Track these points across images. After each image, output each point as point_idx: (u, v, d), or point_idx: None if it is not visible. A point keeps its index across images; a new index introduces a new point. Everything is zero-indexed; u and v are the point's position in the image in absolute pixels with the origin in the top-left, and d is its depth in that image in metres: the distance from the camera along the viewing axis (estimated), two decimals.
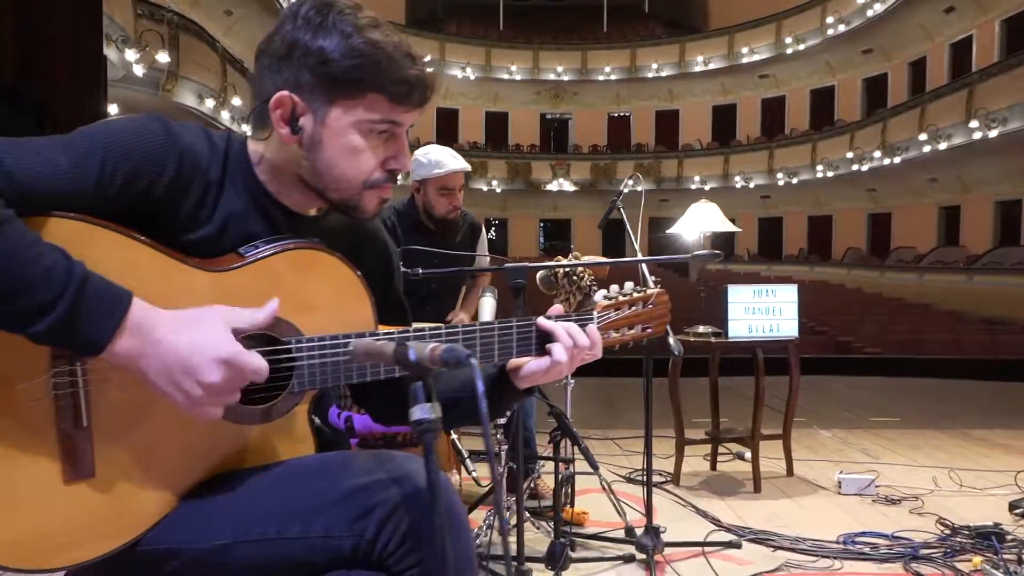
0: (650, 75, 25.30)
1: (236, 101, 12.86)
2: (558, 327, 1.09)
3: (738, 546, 2.53)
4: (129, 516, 0.88)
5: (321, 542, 0.85)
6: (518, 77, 25.28)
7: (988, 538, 2.49)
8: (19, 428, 0.81)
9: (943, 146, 14.93)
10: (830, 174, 20.14)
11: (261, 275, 0.94)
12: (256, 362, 0.83)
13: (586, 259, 2.76)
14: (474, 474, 2.53)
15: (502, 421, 2.54)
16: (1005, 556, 2.34)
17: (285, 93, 0.95)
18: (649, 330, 1.29)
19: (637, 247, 2.57)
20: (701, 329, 3.31)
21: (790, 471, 3.42)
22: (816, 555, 2.46)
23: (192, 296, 0.88)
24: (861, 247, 21.06)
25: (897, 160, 16.78)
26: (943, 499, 3.05)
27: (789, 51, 22.03)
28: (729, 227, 3.50)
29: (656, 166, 24.57)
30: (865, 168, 18.33)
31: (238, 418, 0.91)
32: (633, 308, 1.25)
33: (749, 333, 3.27)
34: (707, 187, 23.26)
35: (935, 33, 18.06)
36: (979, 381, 8.05)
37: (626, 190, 2.80)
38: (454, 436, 2.42)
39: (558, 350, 1.06)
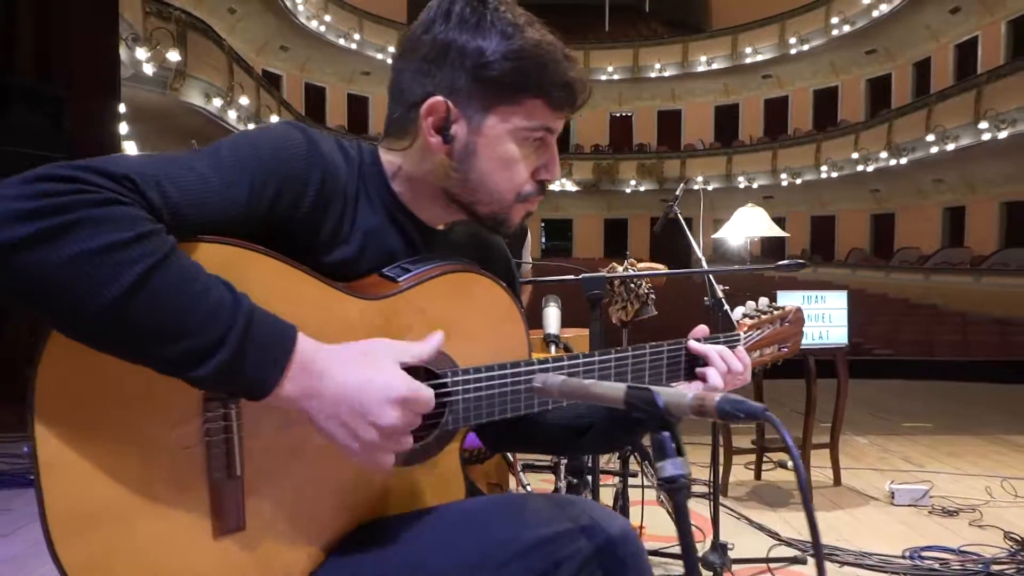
0: (652, 75, 25.24)
1: (243, 100, 12.74)
2: (711, 351, 1.01)
3: (803, 562, 2.46)
4: (279, 572, 0.79)
5: None
6: None
7: None
8: (169, 478, 0.73)
9: (951, 147, 14.90)
10: (834, 175, 20.11)
11: (418, 302, 0.86)
12: (427, 396, 0.75)
13: (642, 265, 2.69)
14: (529, 487, 2.45)
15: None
16: None
17: (440, 98, 0.86)
18: (785, 349, 1.23)
19: (700, 254, 2.50)
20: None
21: (837, 481, 3.35)
22: (885, 571, 2.39)
23: (351, 328, 0.80)
24: (864, 248, 21.03)
25: (904, 161, 16.75)
26: (1002, 510, 2.98)
27: (793, 51, 21.98)
28: (777, 231, 3.43)
29: (659, 166, 24.52)
30: (870, 169, 18.29)
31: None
32: (772, 327, 1.18)
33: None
34: (710, 187, 23.19)
35: (940, 34, 18.03)
36: (992, 383, 8.02)
37: (680, 193, 2.73)
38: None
39: (713, 375, 0.99)
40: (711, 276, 2.25)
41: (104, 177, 0.66)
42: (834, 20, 20.39)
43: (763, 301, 1.20)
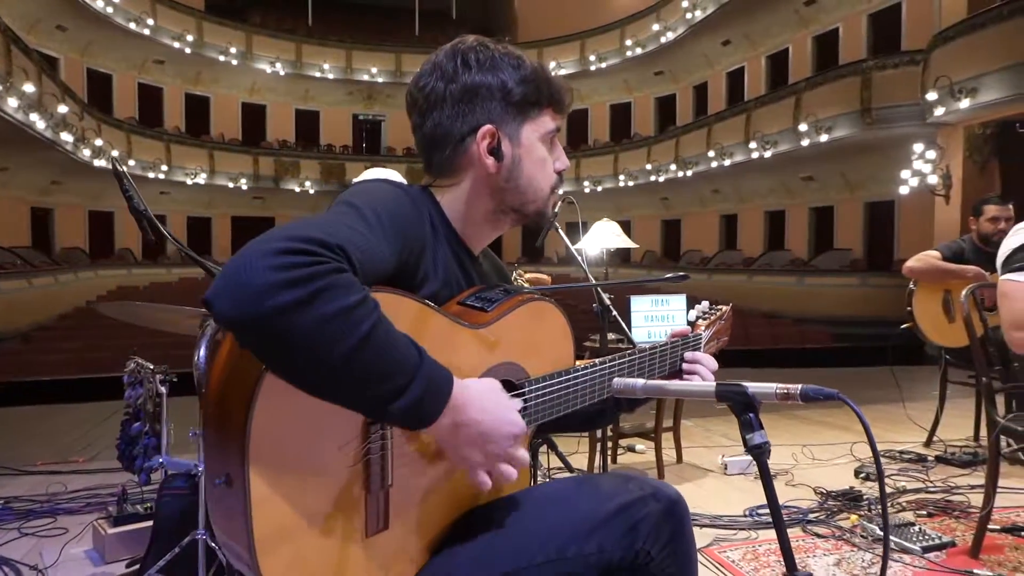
0: None
1: (28, 87, 11.25)
2: (701, 357, 1.30)
3: None
4: (409, 563, 0.95)
5: (596, 558, 0.98)
6: (330, 76, 24.61)
7: (854, 499, 3.09)
8: (339, 491, 0.87)
9: (727, 162, 17.00)
10: (630, 183, 21.98)
11: (509, 327, 1.06)
12: (528, 432, 0.96)
13: (529, 276, 2.98)
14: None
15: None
16: (872, 512, 2.91)
17: (489, 126, 1.07)
18: (724, 340, 1.54)
19: (586, 267, 2.82)
20: (612, 336, 3.65)
21: (680, 458, 3.88)
22: (734, 528, 2.88)
23: (471, 354, 0.98)
24: (656, 250, 23.23)
25: (689, 173, 18.78)
26: (806, 471, 3.66)
27: (592, 68, 23.67)
28: (628, 243, 3.88)
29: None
30: (661, 179, 20.27)
31: None
32: (718, 324, 1.49)
33: (648, 339, 3.67)
34: None
35: (715, 62, 20.44)
36: (763, 368, 9.40)
37: (557, 211, 3.04)
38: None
39: (706, 373, 1.27)
40: (599, 287, 2.58)
41: (327, 248, 0.79)
42: (628, 42, 22.29)
43: (705, 304, 1.51)
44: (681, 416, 3.89)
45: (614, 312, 2.57)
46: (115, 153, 16.73)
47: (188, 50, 20.92)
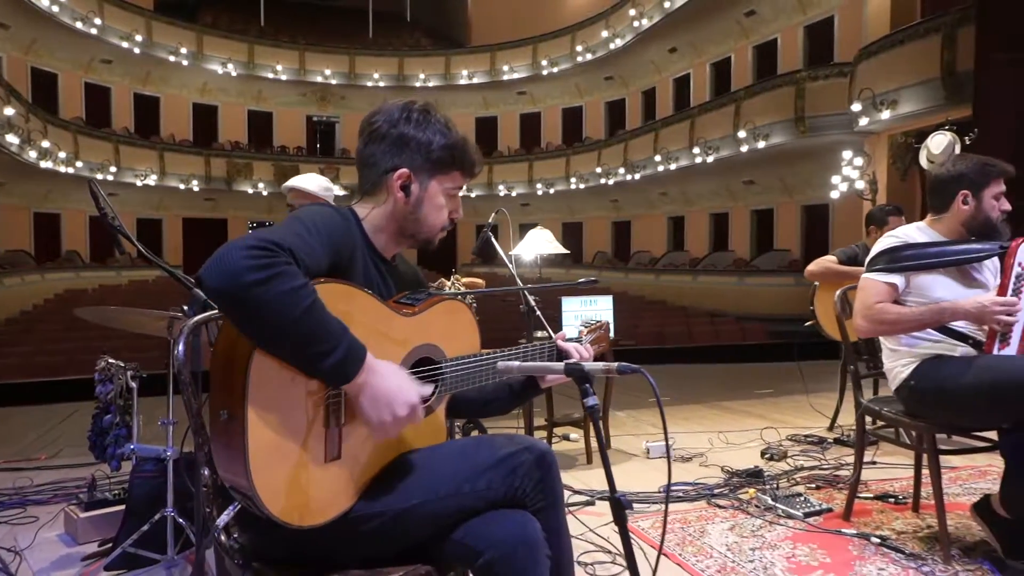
0: (417, 84, 26.05)
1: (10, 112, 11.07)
2: (571, 346, 1.66)
3: (593, 503, 3.26)
4: (352, 488, 1.29)
5: (485, 493, 1.33)
6: (283, 77, 24.54)
7: (755, 475, 3.50)
8: (308, 425, 1.22)
9: (673, 166, 17.61)
10: (582, 186, 22.49)
11: (431, 319, 1.42)
12: (421, 407, 1.29)
13: (466, 281, 3.32)
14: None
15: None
16: (768, 486, 3.34)
17: (405, 170, 1.43)
18: (602, 347, 1.91)
19: (515, 271, 3.17)
20: (539, 334, 4.00)
21: (608, 444, 4.26)
22: (648, 502, 3.26)
23: (403, 334, 1.33)
24: (607, 251, 23.80)
25: (637, 176, 19.36)
26: (719, 453, 4.08)
27: (544, 72, 24.13)
28: (560, 249, 4.25)
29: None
30: (611, 182, 20.81)
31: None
32: (597, 332, 1.86)
33: (578, 336, 4.04)
34: (473, 194, 24.62)
35: (662, 68, 21.09)
36: (708, 364, 9.92)
37: (493, 221, 3.39)
38: None
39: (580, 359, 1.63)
40: (525, 291, 2.93)
41: (282, 248, 1.15)
42: (578, 48, 22.81)
43: (591, 317, 1.87)
44: (611, 407, 4.26)
45: (537, 312, 2.92)
46: (63, 155, 16.50)
47: (137, 50, 20.68)
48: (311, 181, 3.07)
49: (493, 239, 3.34)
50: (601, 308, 4.12)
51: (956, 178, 2.53)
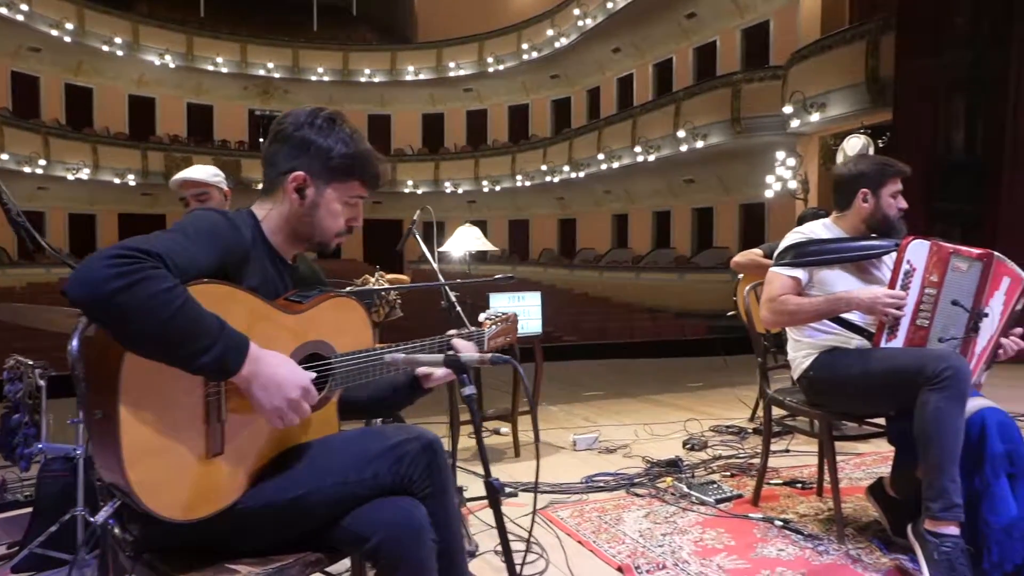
0: (363, 79, 25.82)
1: None
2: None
3: (516, 495, 3.33)
4: (238, 482, 1.32)
5: (371, 481, 1.38)
6: (224, 70, 24.00)
7: (673, 465, 3.63)
8: (187, 422, 1.24)
9: (616, 165, 17.89)
10: (527, 183, 22.64)
11: (320, 316, 1.45)
12: (315, 391, 1.33)
13: (390, 277, 3.35)
14: None
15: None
16: (684, 474, 3.46)
17: (302, 173, 1.46)
18: (509, 339, 1.97)
19: (436, 267, 3.22)
20: (467, 330, 4.06)
21: (537, 438, 4.34)
22: (570, 493, 3.35)
23: (282, 331, 1.35)
24: (553, 248, 24.01)
25: (582, 174, 19.59)
26: (643, 444, 4.20)
27: (491, 70, 24.18)
28: (488, 246, 4.31)
29: (385, 170, 25.00)
30: (556, 180, 21.01)
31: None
32: (503, 324, 1.92)
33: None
34: (420, 191, 24.54)
35: (606, 68, 21.38)
36: (648, 359, 10.14)
37: (417, 219, 3.43)
38: None
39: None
40: (447, 287, 2.98)
41: (147, 255, 1.16)
42: (524, 46, 22.93)
43: (498, 309, 1.93)
44: (544, 402, 4.35)
45: (458, 308, 2.97)
46: None
47: (68, 39, 19.95)
48: (200, 170, 3.05)
49: (417, 236, 3.39)
50: (529, 304, 4.19)
51: (856, 177, 2.67)
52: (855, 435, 3.40)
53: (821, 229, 2.77)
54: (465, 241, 4.16)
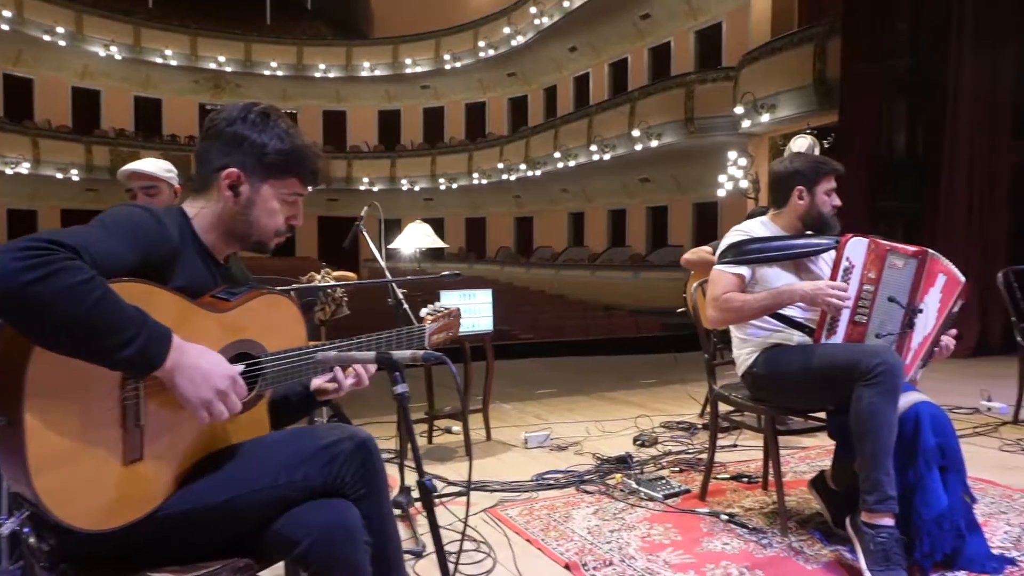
0: (317, 75, 25.43)
1: None
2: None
3: (466, 494, 3.30)
4: (160, 487, 1.26)
5: (302, 484, 1.33)
6: (173, 63, 23.38)
7: (623, 461, 3.65)
8: (101, 428, 1.17)
9: (572, 164, 17.98)
10: (484, 181, 22.60)
11: (248, 314, 1.39)
12: (243, 382, 1.29)
13: (337, 274, 3.29)
14: None
15: None
16: (634, 471, 3.48)
17: (235, 170, 1.41)
18: (451, 334, 1.94)
19: (384, 265, 3.17)
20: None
21: (489, 437, 4.33)
22: (520, 491, 3.34)
23: (208, 330, 1.30)
24: (510, 246, 24.03)
25: (538, 173, 19.64)
26: (594, 442, 4.21)
27: (447, 67, 24.06)
28: (438, 243, 4.27)
29: (325, 166, 24.80)
30: (513, 178, 21.02)
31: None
32: (444, 320, 1.89)
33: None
34: (376, 188, 24.29)
35: (563, 67, 21.47)
36: (603, 356, 10.20)
37: (365, 215, 3.38)
38: None
39: (341, 379, 1.57)
40: (394, 284, 2.94)
41: (61, 246, 1.09)
42: (481, 43, 22.88)
43: (438, 303, 1.90)
44: (496, 400, 4.32)
45: (405, 306, 2.93)
46: None
47: (6, 27, 19.18)
48: (151, 163, 2.95)
49: (364, 232, 3.33)
50: (480, 302, 4.17)
51: (792, 175, 2.71)
52: (799, 430, 3.46)
53: (759, 227, 2.81)
54: (415, 238, 4.12)
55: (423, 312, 1.83)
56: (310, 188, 1.54)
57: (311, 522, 1.30)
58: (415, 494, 3.16)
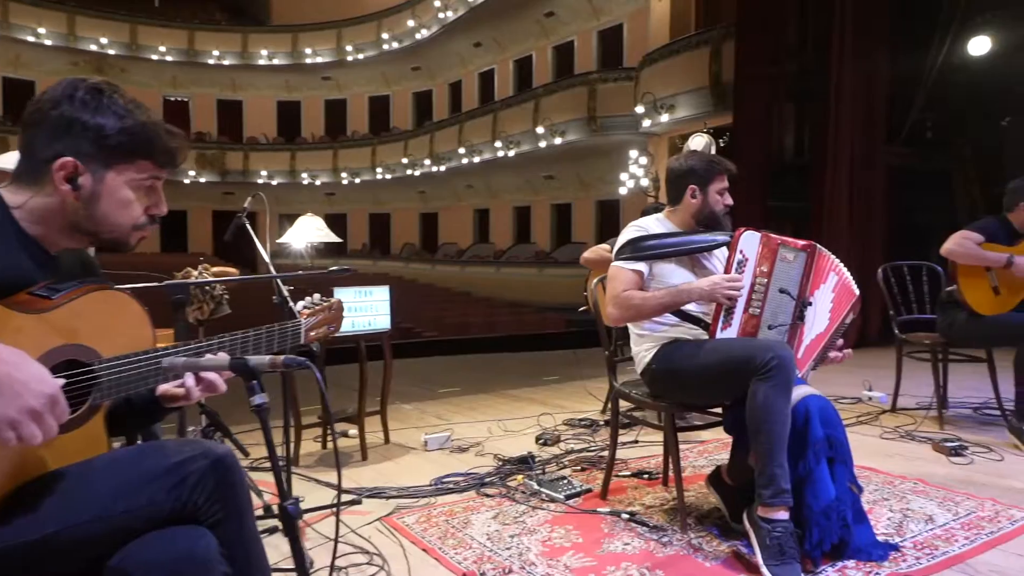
0: (211, 61, 24.21)
1: None
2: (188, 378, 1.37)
3: (359, 502, 3.12)
4: None
5: (146, 511, 1.14)
6: (48, 42, 21.63)
7: (524, 462, 3.57)
8: None
9: (477, 159, 17.88)
10: (388, 176, 22.17)
11: (77, 314, 1.18)
12: (65, 402, 1.06)
13: (216, 270, 3.03)
14: None
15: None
16: (535, 471, 3.41)
17: (69, 159, 1.20)
18: (333, 328, 1.77)
19: (269, 261, 2.94)
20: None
21: (387, 439, 4.15)
22: (417, 496, 3.19)
23: (24, 333, 1.09)
24: (415, 243, 23.70)
25: (443, 168, 19.44)
26: (496, 442, 4.12)
27: (350, 58, 23.44)
28: (332, 237, 4.05)
29: (220, 157, 23.71)
30: (418, 173, 20.72)
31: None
32: (324, 314, 1.72)
33: (353, 328, 3.87)
34: (275, 182, 23.37)
35: (468, 62, 21.34)
36: (510, 353, 10.17)
37: (248, 206, 3.14)
38: None
39: (191, 385, 1.37)
40: (279, 280, 2.72)
41: None
42: (384, 36, 22.42)
43: (317, 296, 1.74)
44: (396, 400, 4.15)
45: (291, 304, 2.72)
46: None
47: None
48: (11, 159, 2.62)
49: (248, 225, 3.09)
50: (378, 299, 3.98)
51: (686, 173, 2.71)
52: (698, 425, 3.48)
53: (655, 224, 2.80)
54: (307, 232, 3.88)
55: (299, 306, 1.66)
56: (166, 170, 1.33)
57: (155, 556, 1.12)
58: (303, 504, 2.96)
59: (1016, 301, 3.91)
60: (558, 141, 14.91)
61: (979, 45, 8.12)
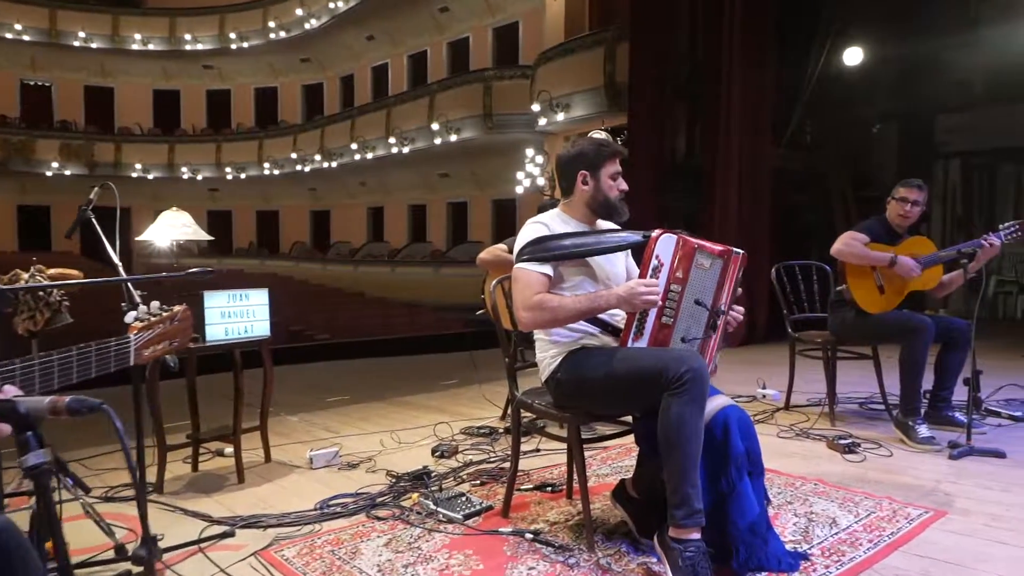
0: (76, 43, 22.27)
1: None
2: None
3: (232, 535, 2.76)
4: None
5: None
6: None
7: (419, 479, 3.31)
8: None
9: (370, 156, 17.33)
10: (276, 172, 21.17)
11: None
12: None
13: (53, 272, 2.60)
14: None
15: None
16: (432, 488, 3.15)
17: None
18: (176, 343, 1.46)
19: (117, 260, 2.54)
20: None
21: (268, 458, 3.77)
22: (300, 524, 2.87)
23: None
24: (306, 241, 22.77)
25: (335, 164, 18.73)
26: (389, 456, 3.83)
27: (233, 47, 22.21)
28: (201, 235, 3.63)
29: (88, 148, 21.87)
30: (308, 169, 19.89)
31: None
32: (162, 326, 1.41)
33: (226, 336, 3.48)
34: (151, 176, 21.81)
35: (361, 55, 20.69)
36: (405, 356, 9.81)
37: (94, 197, 2.73)
38: None
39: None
40: (129, 284, 2.34)
41: None
42: (271, 24, 21.39)
43: (155, 305, 1.42)
44: (279, 411, 3.77)
45: (144, 309, 2.35)
46: None
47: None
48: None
49: (94, 220, 2.67)
50: (255, 303, 3.60)
51: (575, 158, 2.54)
52: (607, 435, 3.33)
53: (556, 219, 2.61)
54: (170, 229, 3.45)
55: (130, 318, 1.34)
56: None
57: None
58: (164, 543, 2.58)
59: (899, 300, 4.02)
60: (454, 138, 14.65)
61: (852, 56, 8.55)
